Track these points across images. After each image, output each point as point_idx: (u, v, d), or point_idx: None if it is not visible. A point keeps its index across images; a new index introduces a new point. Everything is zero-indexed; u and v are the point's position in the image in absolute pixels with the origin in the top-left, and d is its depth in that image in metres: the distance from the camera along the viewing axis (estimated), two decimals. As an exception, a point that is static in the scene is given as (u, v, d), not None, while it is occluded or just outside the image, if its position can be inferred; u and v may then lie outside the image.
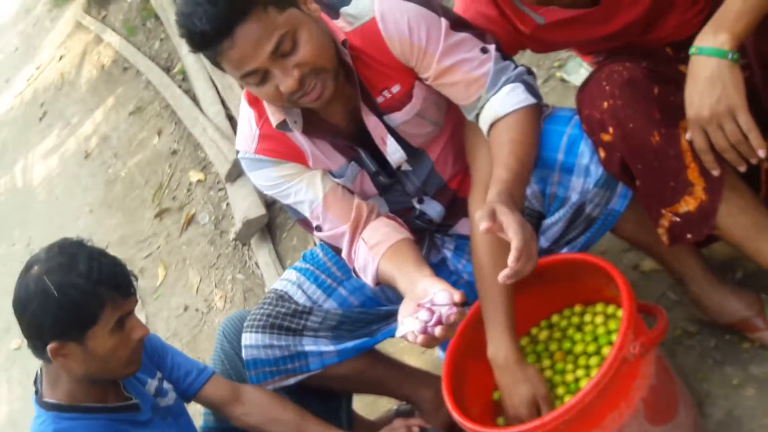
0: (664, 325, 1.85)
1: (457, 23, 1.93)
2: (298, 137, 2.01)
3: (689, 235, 1.89)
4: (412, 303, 1.69)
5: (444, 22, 1.91)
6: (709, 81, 1.66)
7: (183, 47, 5.85)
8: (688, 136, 1.76)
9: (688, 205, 1.85)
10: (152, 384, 2.17)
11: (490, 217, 1.64)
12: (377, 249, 1.96)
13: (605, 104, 1.83)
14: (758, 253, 1.90)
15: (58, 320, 1.85)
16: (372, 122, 1.99)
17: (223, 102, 4.98)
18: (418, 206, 2.19)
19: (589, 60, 2.35)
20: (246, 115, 2.05)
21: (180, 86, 5.64)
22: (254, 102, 2.01)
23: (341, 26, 1.91)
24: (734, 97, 1.65)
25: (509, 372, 1.90)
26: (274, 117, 1.96)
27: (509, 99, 1.90)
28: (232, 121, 4.83)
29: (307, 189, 2.05)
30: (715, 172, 1.77)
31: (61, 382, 1.97)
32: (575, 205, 2.00)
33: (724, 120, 1.66)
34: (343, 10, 1.92)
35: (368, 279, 2.00)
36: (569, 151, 1.96)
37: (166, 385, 2.20)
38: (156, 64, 6.22)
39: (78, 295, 1.84)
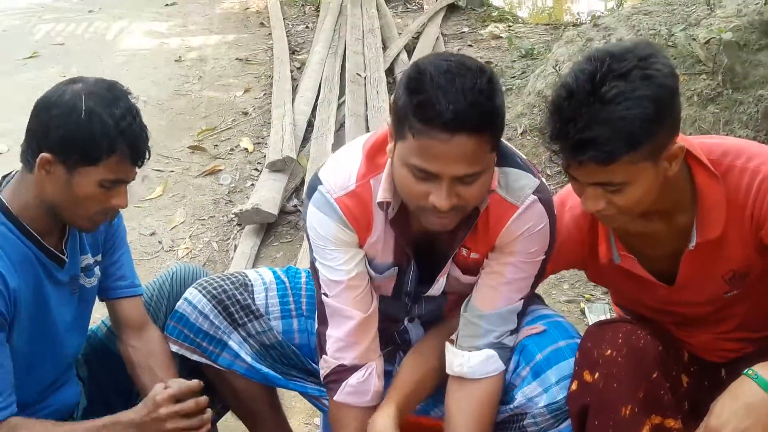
0: None
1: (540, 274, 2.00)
2: (380, 217, 1.98)
3: None
4: None
5: (541, 262, 1.97)
6: (747, 407, 1.69)
7: (316, 44, 6.05)
8: None
9: None
10: (88, 260, 2.15)
11: None
12: (372, 399, 2.04)
13: (608, 351, 1.86)
14: None
15: (67, 138, 1.87)
16: (448, 263, 2.01)
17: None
18: (406, 324, 2.20)
19: (618, 310, 2.40)
20: (353, 160, 1.96)
21: (291, 71, 5.77)
22: (371, 158, 1.94)
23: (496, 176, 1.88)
24: None
25: None
26: (383, 194, 1.92)
27: (481, 366, 1.97)
28: (309, 126, 5.00)
29: (346, 261, 2.00)
30: None
31: (23, 193, 1.97)
32: (517, 408, 1.99)
33: None
34: (510, 170, 1.90)
35: (340, 395, 2.03)
36: (549, 360, 1.97)
37: (97, 270, 2.19)
38: (288, 41, 6.39)
39: (99, 130, 1.86)
